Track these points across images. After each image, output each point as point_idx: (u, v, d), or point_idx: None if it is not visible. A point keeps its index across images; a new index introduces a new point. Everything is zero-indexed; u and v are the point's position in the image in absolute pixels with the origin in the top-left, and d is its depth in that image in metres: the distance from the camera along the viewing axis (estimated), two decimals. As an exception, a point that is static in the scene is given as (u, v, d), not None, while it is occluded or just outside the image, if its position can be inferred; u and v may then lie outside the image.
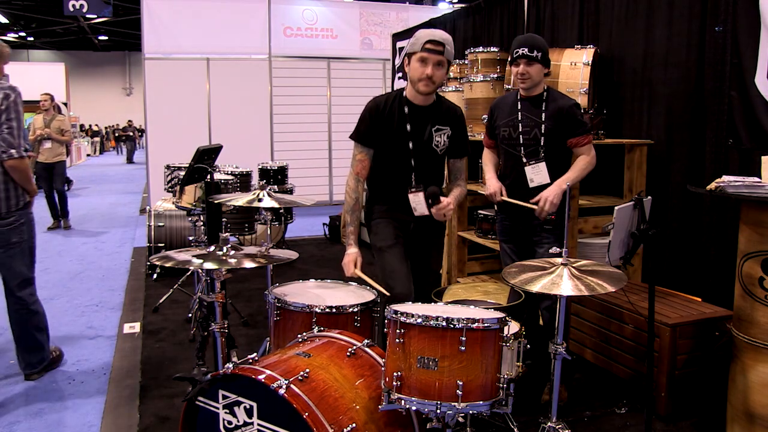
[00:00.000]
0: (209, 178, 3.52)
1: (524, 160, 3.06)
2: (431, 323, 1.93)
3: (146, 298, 5.01)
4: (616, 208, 2.51)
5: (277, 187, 5.96)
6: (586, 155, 3.03)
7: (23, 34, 24.41)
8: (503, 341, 2.00)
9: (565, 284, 2.18)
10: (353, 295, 2.66)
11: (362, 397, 2.03)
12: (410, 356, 1.95)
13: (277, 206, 2.91)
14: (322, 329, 2.35)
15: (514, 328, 2.13)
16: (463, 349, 1.92)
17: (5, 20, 19.86)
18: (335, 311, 2.44)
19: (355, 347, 2.19)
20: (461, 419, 2.14)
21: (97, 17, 18.02)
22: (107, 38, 26.49)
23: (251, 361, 2.05)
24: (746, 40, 3.22)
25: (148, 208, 5.98)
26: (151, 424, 2.95)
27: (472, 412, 1.99)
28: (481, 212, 4.46)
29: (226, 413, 2.01)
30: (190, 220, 4.22)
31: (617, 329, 3.24)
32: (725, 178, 2.58)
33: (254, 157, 8.01)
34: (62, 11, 12.46)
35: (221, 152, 3.76)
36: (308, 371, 1.97)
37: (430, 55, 2.61)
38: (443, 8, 13.74)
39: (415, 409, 1.97)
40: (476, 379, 1.93)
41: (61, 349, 3.78)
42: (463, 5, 7.03)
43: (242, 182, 5.51)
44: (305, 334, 2.32)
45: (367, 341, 2.26)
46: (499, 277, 4.02)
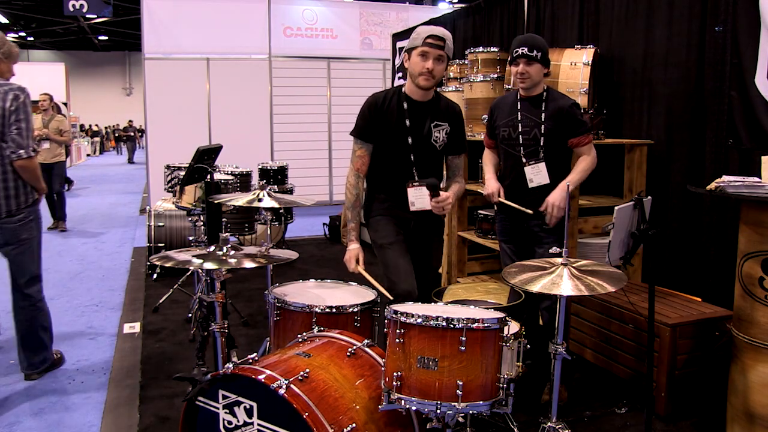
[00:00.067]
0: (209, 178, 3.52)
1: (524, 160, 3.06)
2: (431, 323, 1.93)
3: (146, 298, 5.01)
4: (616, 208, 2.51)
5: (277, 187, 5.96)
6: (587, 155, 3.03)
7: (23, 34, 24.42)
8: (503, 341, 2.00)
9: (565, 284, 2.18)
10: (353, 295, 2.66)
11: (362, 397, 2.03)
12: (410, 356, 1.95)
13: (277, 206, 2.91)
14: (322, 329, 2.35)
15: (514, 328, 2.13)
16: (463, 349, 1.92)
17: (5, 20, 19.86)
18: (335, 311, 2.44)
19: (355, 347, 2.19)
20: (461, 419, 2.14)
21: (97, 17, 18.03)
22: (107, 38, 26.51)
23: (251, 361, 2.05)
24: (746, 40, 3.22)
25: (148, 208, 5.98)
26: (151, 424, 2.95)
27: (472, 412, 1.99)
28: (481, 212, 4.46)
29: (226, 413, 2.01)
30: (190, 220, 4.22)
31: (617, 329, 3.24)
32: (725, 178, 2.58)
33: (254, 157, 8.01)
34: (62, 11, 12.47)
35: (221, 152, 3.75)
36: (308, 371, 1.97)
37: (431, 49, 2.64)
38: (443, 8, 13.74)
39: (415, 409, 1.97)
40: (476, 379, 1.93)
41: (61, 352, 3.78)
42: (463, 5, 7.03)
43: (242, 182, 5.51)
44: (305, 334, 2.32)
45: (367, 341, 2.26)
46: (499, 277, 4.02)
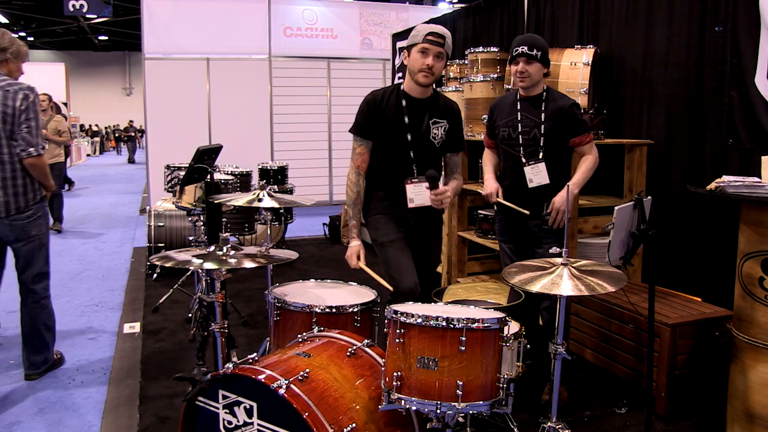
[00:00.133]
0: (209, 178, 3.52)
1: (523, 160, 3.06)
2: (431, 323, 1.93)
3: (146, 298, 5.01)
4: (616, 208, 2.51)
5: (277, 187, 5.96)
6: (589, 155, 3.03)
7: (23, 34, 24.39)
8: (503, 341, 2.00)
9: (565, 284, 2.18)
10: (353, 295, 2.66)
11: (362, 397, 2.03)
12: (410, 356, 1.95)
13: (277, 206, 2.91)
14: (322, 329, 2.35)
15: (514, 328, 2.13)
16: (463, 349, 1.92)
17: (5, 20, 19.85)
18: (335, 311, 2.44)
19: (355, 347, 2.20)
20: (461, 419, 2.14)
21: (97, 17, 18.03)
22: (107, 38, 26.50)
23: (251, 361, 2.05)
24: (746, 40, 3.22)
25: (148, 208, 5.98)
26: (151, 424, 2.95)
27: (472, 412, 1.99)
28: (481, 212, 4.46)
29: (226, 413, 2.01)
30: (190, 220, 4.22)
31: (617, 329, 3.24)
32: (725, 178, 2.58)
33: (254, 157, 8.01)
34: (62, 11, 12.46)
35: (221, 152, 3.76)
36: (308, 371, 1.97)
37: (431, 46, 2.67)
38: (443, 8, 13.74)
39: (415, 409, 1.97)
40: (476, 379, 1.93)
41: (61, 352, 3.78)
42: (463, 5, 7.03)
43: (242, 182, 5.51)
44: (305, 334, 2.32)
45: (367, 341, 2.26)
46: (499, 277, 4.02)
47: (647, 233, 2.51)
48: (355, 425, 1.90)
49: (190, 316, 4.27)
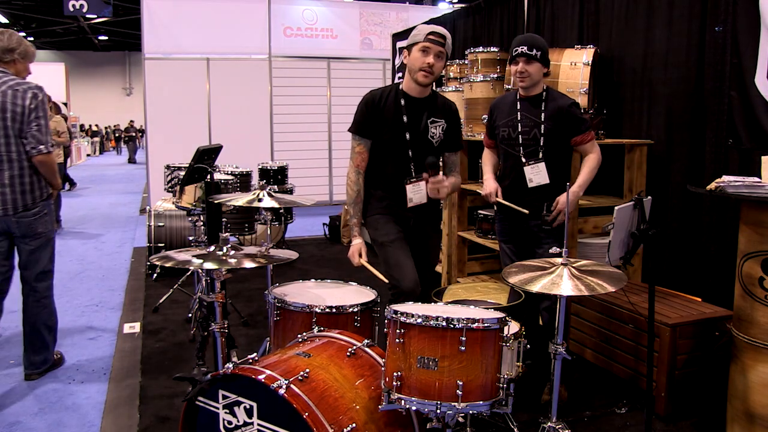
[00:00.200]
0: (209, 178, 3.52)
1: (523, 160, 3.06)
2: (431, 323, 1.93)
3: (146, 298, 5.01)
4: (616, 208, 2.51)
5: (277, 187, 5.96)
6: (591, 153, 3.04)
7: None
8: (503, 341, 2.00)
9: (565, 284, 2.18)
10: (353, 295, 2.66)
11: (362, 397, 2.03)
12: (410, 356, 1.95)
13: (277, 206, 2.91)
14: (322, 329, 2.35)
15: (514, 328, 2.13)
16: (463, 349, 1.92)
17: (5, 20, 19.84)
18: (335, 311, 2.44)
19: (355, 347, 2.19)
20: (461, 419, 2.14)
21: (97, 17, 18.02)
22: (107, 38, 26.49)
23: (251, 361, 2.05)
24: (746, 40, 3.22)
25: (148, 208, 5.98)
26: (151, 424, 2.95)
27: (472, 412, 1.99)
28: (481, 212, 4.46)
29: (226, 413, 2.01)
30: (190, 220, 4.22)
31: (617, 329, 3.24)
32: (725, 178, 2.58)
33: (254, 157, 8.01)
34: (62, 11, 12.46)
35: (221, 152, 3.76)
36: (308, 371, 1.97)
37: (432, 45, 2.69)
38: (443, 8, 13.74)
39: (415, 409, 1.97)
40: (476, 379, 1.93)
41: (61, 352, 3.78)
42: (463, 5, 7.03)
43: (242, 182, 5.51)
44: (305, 334, 2.32)
45: (367, 341, 2.26)
46: (499, 277, 4.02)
47: (647, 233, 2.51)
48: (355, 425, 1.90)
49: (190, 316, 4.27)
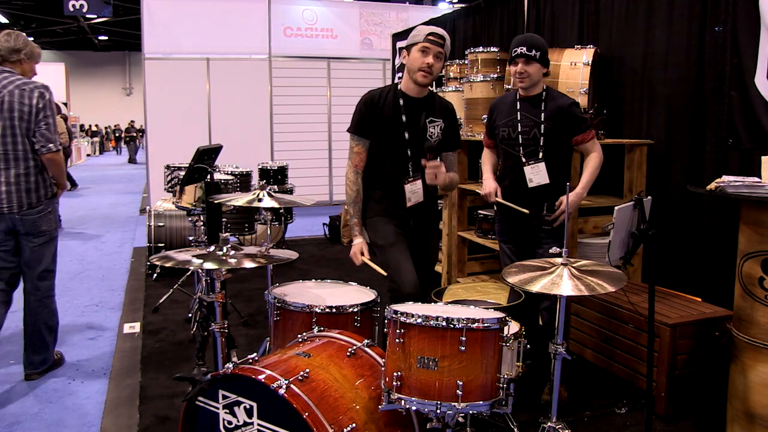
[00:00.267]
0: (209, 178, 3.52)
1: (523, 160, 3.06)
2: (431, 323, 1.93)
3: (146, 298, 5.00)
4: (616, 208, 2.51)
5: (277, 187, 5.96)
6: (593, 152, 3.04)
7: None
8: (503, 341, 2.00)
9: (565, 284, 2.17)
10: (353, 295, 2.66)
11: (362, 397, 2.03)
12: (410, 356, 1.95)
13: (277, 206, 2.91)
14: (322, 329, 2.35)
15: (514, 328, 2.13)
16: (463, 349, 1.92)
17: (5, 20, 19.83)
18: (335, 311, 2.44)
19: (355, 347, 2.19)
20: (461, 419, 2.14)
21: (97, 17, 18.00)
22: (107, 38, 26.47)
23: (251, 361, 2.05)
24: (746, 40, 3.22)
25: (148, 208, 5.98)
26: (151, 424, 2.95)
27: (472, 412, 1.99)
28: (481, 212, 4.46)
29: (226, 413, 2.01)
30: (190, 220, 4.22)
31: (617, 329, 3.24)
32: (725, 178, 2.58)
33: (254, 157, 8.01)
34: (62, 11, 12.45)
35: (221, 152, 3.76)
36: (308, 371, 1.97)
37: (432, 45, 2.71)
38: (443, 8, 13.73)
39: (415, 409, 1.97)
40: (476, 379, 1.93)
41: (61, 353, 3.78)
42: (463, 5, 7.03)
43: (242, 182, 5.51)
44: (305, 334, 2.32)
45: (367, 341, 2.26)
46: (499, 277, 4.02)
47: (647, 233, 2.50)
48: (355, 425, 1.90)
49: (190, 316, 4.27)
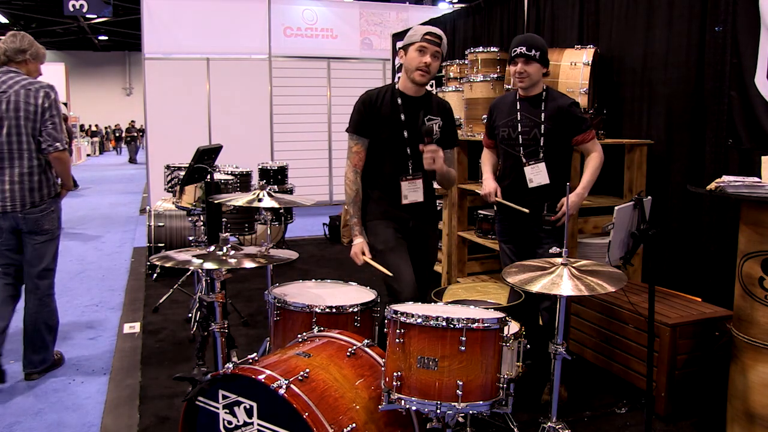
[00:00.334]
0: (209, 178, 3.52)
1: (524, 160, 3.06)
2: (431, 323, 1.93)
3: (146, 298, 5.01)
4: (616, 208, 2.51)
5: (277, 187, 5.96)
6: (593, 152, 3.03)
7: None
8: (503, 341, 2.00)
9: (565, 284, 2.17)
10: (353, 295, 2.66)
11: (362, 397, 2.03)
12: (410, 356, 1.95)
13: (277, 206, 2.91)
14: (322, 329, 2.35)
15: (514, 328, 2.13)
16: (463, 349, 1.92)
17: (5, 20, 19.83)
18: (335, 311, 2.44)
19: (355, 347, 2.19)
20: (461, 419, 2.14)
21: (97, 17, 17.99)
22: (107, 38, 26.47)
23: (251, 361, 2.05)
24: (746, 40, 3.22)
25: (148, 208, 5.98)
26: (151, 424, 2.95)
27: (472, 412, 1.99)
28: (481, 212, 4.46)
29: (226, 413, 2.01)
30: (190, 220, 4.22)
31: (617, 329, 3.24)
32: (725, 178, 2.58)
33: (254, 157, 8.01)
34: (62, 11, 12.45)
35: (221, 152, 3.76)
36: (308, 371, 1.97)
37: (429, 45, 2.72)
38: (443, 8, 13.73)
39: (415, 409, 1.97)
40: (476, 379, 1.93)
41: (61, 353, 3.79)
42: (463, 5, 7.03)
43: (242, 182, 5.51)
44: (305, 334, 2.32)
45: (367, 341, 2.26)
46: (499, 277, 4.02)
47: (647, 233, 2.50)
48: (355, 425, 1.90)
49: (190, 316, 4.27)
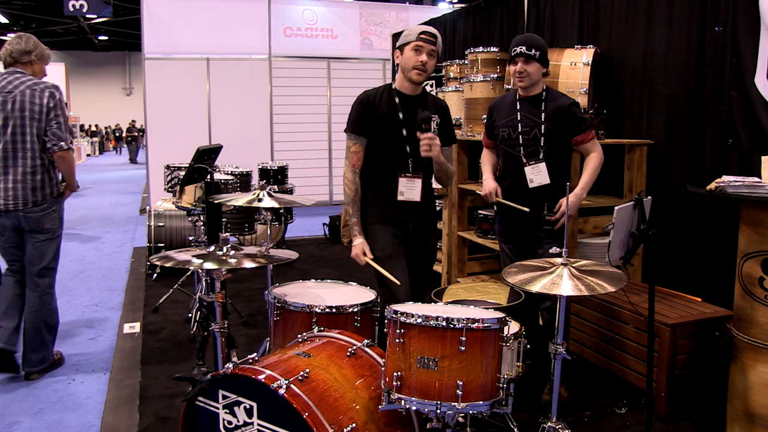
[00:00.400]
0: (209, 178, 3.52)
1: (524, 160, 3.06)
2: (431, 323, 1.93)
3: (146, 298, 5.01)
4: (616, 208, 2.51)
5: (277, 187, 5.96)
6: (593, 152, 3.03)
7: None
8: (503, 341, 2.00)
9: (565, 284, 2.17)
10: (353, 295, 2.66)
11: (362, 397, 2.03)
12: (410, 356, 1.95)
13: (277, 206, 2.91)
14: (322, 329, 2.35)
15: (514, 328, 2.13)
16: (463, 349, 1.92)
17: (5, 20, 19.83)
18: (335, 311, 2.44)
19: (355, 347, 2.19)
20: (461, 419, 2.14)
21: (97, 17, 17.99)
22: (107, 38, 26.47)
23: (251, 361, 2.05)
24: (746, 40, 3.22)
25: (148, 208, 5.98)
26: (151, 424, 2.95)
27: (472, 412, 1.99)
28: (481, 212, 4.46)
29: (226, 413, 2.01)
30: (190, 220, 4.22)
31: (617, 329, 3.24)
32: (725, 178, 2.58)
33: (254, 157, 8.01)
34: (62, 11, 12.45)
35: (221, 152, 3.76)
36: (308, 371, 1.97)
37: (425, 44, 2.74)
38: (443, 8, 13.73)
39: (415, 409, 1.97)
40: (476, 379, 1.93)
41: (61, 352, 3.79)
42: (463, 5, 7.03)
43: (242, 182, 5.51)
44: (305, 334, 2.32)
45: (367, 341, 2.26)
46: (499, 277, 4.02)
47: (647, 233, 2.50)
48: (355, 425, 1.90)
49: (190, 316, 4.27)
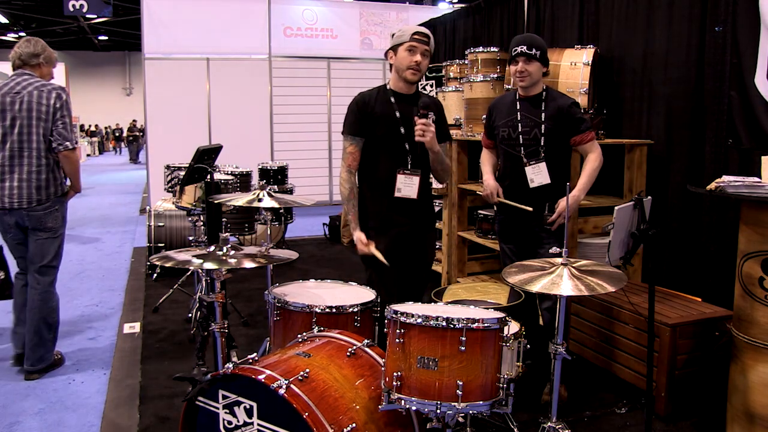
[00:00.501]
0: (209, 178, 3.52)
1: (524, 160, 3.06)
2: (431, 323, 1.93)
3: (146, 298, 5.01)
4: (616, 208, 2.51)
5: (277, 187, 5.96)
6: (592, 153, 3.03)
7: (23, 34, 24.35)
8: (503, 341, 2.00)
9: (565, 284, 2.17)
10: (353, 295, 2.66)
11: (362, 397, 2.03)
12: (410, 356, 1.95)
13: (277, 206, 2.91)
14: (322, 329, 2.35)
15: (514, 328, 2.13)
16: (463, 349, 1.92)
17: (5, 20, 19.84)
18: (335, 311, 2.44)
19: (355, 347, 2.19)
20: (461, 419, 2.14)
21: (97, 17, 17.99)
22: (107, 38, 26.46)
23: (251, 361, 2.05)
24: (746, 40, 3.22)
25: (148, 208, 5.98)
26: (151, 424, 2.95)
27: (472, 412, 1.99)
28: (481, 212, 4.46)
29: (226, 413, 2.01)
30: (190, 220, 4.22)
31: (617, 329, 3.24)
32: (725, 178, 2.58)
33: (254, 157, 8.00)
34: (62, 11, 12.44)
35: (221, 152, 3.76)
36: (308, 371, 1.97)
37: (418, 44, 2.76)
38: (443, 8, 13.72)
39: (415, 409, 1.97)
40: (476, 379, 1.93)
41: (61, 353, 3.79)
42: (463, 5, 7.03)
43: (242, 182, 5.51)
44: (305, 334, 2.32)
45: (367, 341, 2.26)
46: (499, 277, 4.02)
47: (647, 233, 2.51)
48: (355, 425, 1.90)
49: (190, 316, 4.27)
